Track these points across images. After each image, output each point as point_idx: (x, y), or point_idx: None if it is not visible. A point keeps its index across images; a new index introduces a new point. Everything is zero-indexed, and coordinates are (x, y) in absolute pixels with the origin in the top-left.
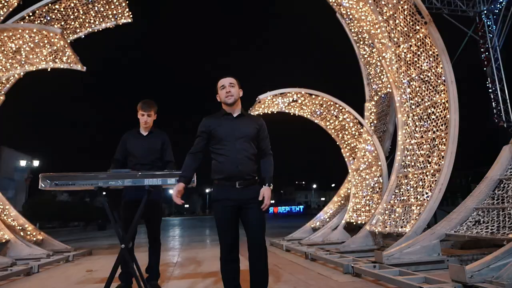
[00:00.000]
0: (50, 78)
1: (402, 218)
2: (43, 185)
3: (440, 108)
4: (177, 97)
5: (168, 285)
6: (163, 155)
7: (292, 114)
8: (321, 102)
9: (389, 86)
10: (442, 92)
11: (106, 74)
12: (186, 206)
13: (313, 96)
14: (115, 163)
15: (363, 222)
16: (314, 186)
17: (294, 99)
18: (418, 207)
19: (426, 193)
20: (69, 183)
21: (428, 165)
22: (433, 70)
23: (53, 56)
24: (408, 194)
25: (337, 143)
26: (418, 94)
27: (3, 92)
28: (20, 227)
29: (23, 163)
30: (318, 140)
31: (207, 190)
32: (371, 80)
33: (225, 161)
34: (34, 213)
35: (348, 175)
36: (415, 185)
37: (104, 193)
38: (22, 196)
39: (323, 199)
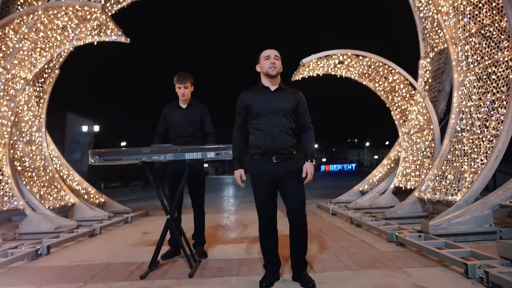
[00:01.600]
0: (103, 48)
1: (453, 185)
2: (92, 161)
3: (502, 67)
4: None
5: (214, 249)
6: (202, 126)
7: (339, 76)
8: (369, 63)
9: None
10: (506, 50)
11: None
12: None
13: (360, 57)
14: (158, 137)
15: (412, 187)
16: (367, 144)
17: (340, 61)
18: (471, 175)
19: (481, 160)
20: (116, 158)
21: (485, 130)
22: (496, 25)
23: (98, 30)
24: (461, 161)
25: (387, 105)
26: (478, 51)
27: (57, 66)
28: (84, 191)
29: (85, 128)
30: (371, 97)
31: None
32: (427, 35)
33: (262, 135)
34: (99, 174)
35: (398, 138)
36: (469, 151)
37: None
38: (88, 158)
39: (376, 157)
